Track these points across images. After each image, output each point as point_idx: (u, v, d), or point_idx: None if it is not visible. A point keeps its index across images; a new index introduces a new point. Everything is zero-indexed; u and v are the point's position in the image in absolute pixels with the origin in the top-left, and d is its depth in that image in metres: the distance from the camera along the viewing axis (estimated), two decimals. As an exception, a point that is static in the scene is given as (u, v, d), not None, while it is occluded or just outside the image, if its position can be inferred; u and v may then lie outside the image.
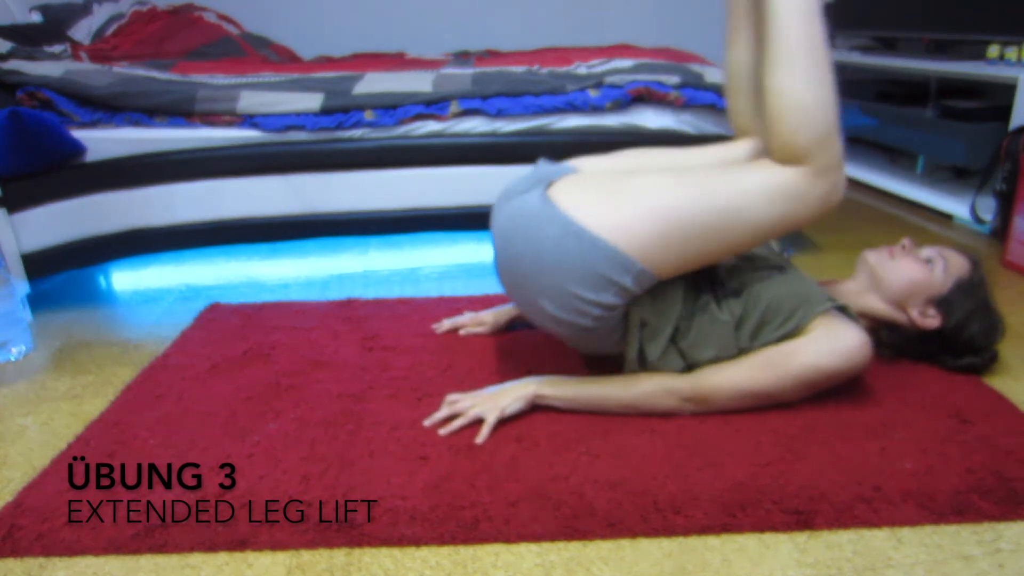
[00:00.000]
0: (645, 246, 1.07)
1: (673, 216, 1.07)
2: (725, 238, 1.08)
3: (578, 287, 1.09)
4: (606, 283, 1.08)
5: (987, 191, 2.16)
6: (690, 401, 1.16)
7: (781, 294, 1.16)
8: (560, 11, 3.49)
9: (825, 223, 2.29)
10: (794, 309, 1.15)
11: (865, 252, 1.35)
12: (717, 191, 1.07)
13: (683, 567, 0.88)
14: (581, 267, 1.07)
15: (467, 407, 1.17)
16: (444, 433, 1.14)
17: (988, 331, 1.29)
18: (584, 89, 1.78)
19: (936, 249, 1.32)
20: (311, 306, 1.71)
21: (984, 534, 0.93)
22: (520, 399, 1.17)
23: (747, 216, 1.07)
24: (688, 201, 1.07)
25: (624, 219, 1.07)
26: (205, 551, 0.92)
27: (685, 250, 1.08)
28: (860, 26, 3.06)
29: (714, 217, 1.07)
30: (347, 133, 1.78)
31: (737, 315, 1.17)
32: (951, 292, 1.27)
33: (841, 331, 1.13)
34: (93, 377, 1.41)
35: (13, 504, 1.01)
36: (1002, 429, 1.13)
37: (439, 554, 0.91)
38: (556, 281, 1.09)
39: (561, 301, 1.11)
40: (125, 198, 1.74)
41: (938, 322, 1.27)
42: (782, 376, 1.14)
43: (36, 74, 1.72)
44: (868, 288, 1.32)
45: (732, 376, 1.15)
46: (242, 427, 1.18)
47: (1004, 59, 2.31)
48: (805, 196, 1.06)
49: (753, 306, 1.17)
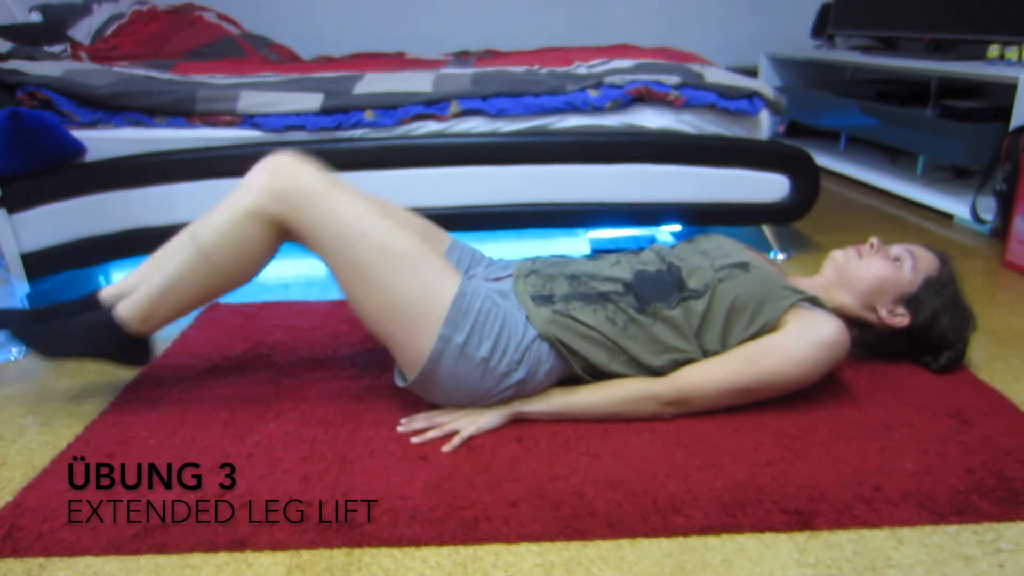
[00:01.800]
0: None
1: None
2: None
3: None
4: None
5: (987, 191, 2.16)
6: (671, 404, 1.15)
7: (745, 292, 1.16)
8: (560, 11, 3.49)
9: (825, 223, 2.29)
10: (760, 306, 1.14)
11: (834, 252, 1.34)
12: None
13: (683, 567, 0.88)
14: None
15: (443, 422, 1.15)
16: (416, 441, 1.13)
17: (958, 328, 1.28)
18: (584, 89, 1.78)
19: (905, 247, 1.31)
20: (311, 306, 1.71)
21: (984, 534, 0.93)
22: (499, 415, 1.15)
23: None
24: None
25: None
26: (205, 551, 0.92)
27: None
28: (860, 26, 3.06)
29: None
30: (347, 133, 1.78)
31: (700, 314, 1.15)
32: (920, 290, 1.26)
33: (815, 321, 1.13)
34: (93, 377, 1.41)
35: (13, 504, 1.01)
36: (1002, 429, 1.13)
37: (439, 554, 0.91)
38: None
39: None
40: (125, 198, 1.74)
41: (907, 321, 1.27)
42: (762, 372, 1.13)
43: (36, 74, 1.72)
44: (836, 284, 1.31)
45: (712, 375, 1.14)
46: (242, 427, 1.18)
47: (1004, 59, 2.32)
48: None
49: (718, 305, 1.16)
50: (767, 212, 1.89)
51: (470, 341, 1.09)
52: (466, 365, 1.09)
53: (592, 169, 1.82)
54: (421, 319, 1.08)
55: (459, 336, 1.08)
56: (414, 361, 1.10)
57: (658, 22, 3.54)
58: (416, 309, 1.08)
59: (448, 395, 1.14)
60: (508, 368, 1.12)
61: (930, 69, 2.51)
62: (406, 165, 1.80)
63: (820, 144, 3.30)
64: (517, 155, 1.80)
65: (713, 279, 1.18)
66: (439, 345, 1.08)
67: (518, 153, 1.80)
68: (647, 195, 1.83)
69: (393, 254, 1.08)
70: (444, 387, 1.12)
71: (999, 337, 1.47)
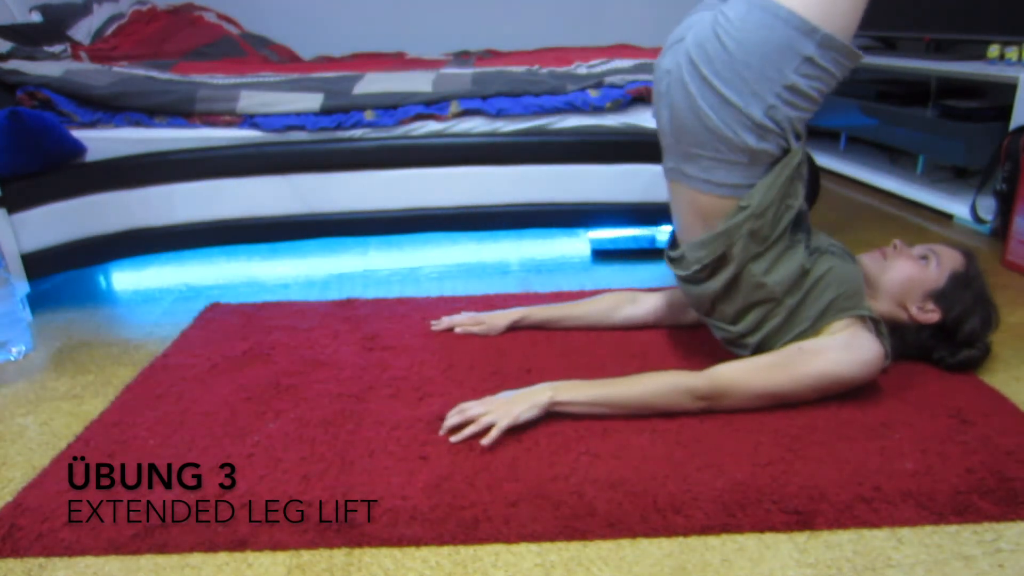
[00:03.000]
0: (821, 7, 1.07)
1: None
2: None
3: (761, 61, 1.08)
4: (790, 54, 1.07)
5: (987, 191, 2.16)
6: (705, 399, 1.16)
7: (841, 276, 1.19)
8: (560, 11, 3.49)
9: (825, 223, 2.29)
10: (843, 296, 1.17)
11: (858, 256, 1.35)
12: None
13: (683, 567, 0.88)
14: (766, 40, 1.07)
15: (479, 414, 1.13)
16: (455, 440, 1.12)
17: (986, 323, 1.30)
18: (584, 89, 1.78)
19: (927, 246, 1.33)
20: (311, 306, 1.71)
21: (984, 534, 0.93)
22: (535, 406, 1.14)
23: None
24: None
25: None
26: (205, 551, 0.92)
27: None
28: (860, 26, 3.05)
29: None
30: (347, 133, 1.78)
31: (804, 268, 1.18)
32: (947, 286, 1.27)
33: (865, 341, 1.15)
34: (93, 377, 1.41)
35: (13, 504, 1.01)
36: (1002, 429, 1.13)
37: (439, 554, 0.91)
38: (740, 56, 1.09)
39: (742, 77, 1.09)
40: (125, 198, 1.74)
41: (937, 316, 1.28)
42: (798, 377, 1.15)
43: (36, 74, 1.72)
44: (868, 294, 1.32)
45: (749, 376, 1.15)
46: (242, 427, 1.18)
47: (1004, 59, 2.31)
48: None
49: (816, 271, 1.19)
50: (767, 212, 1.88)
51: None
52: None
53: (592, 169, 1.82)
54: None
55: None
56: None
57: (658, 22, 3.53)
58: None
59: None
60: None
61: (930, 69, 2.51)
62: (406, 165, 1.80)
63: (820, 144, 3.30)
64: (517, 155, 1.80)
65: (826, 246, 1.23)
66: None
67: (518, 153, 1.80)
68: (647, 195, 1.83)
69: None
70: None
71: (999, 337, 1.47)
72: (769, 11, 1.07)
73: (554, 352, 1.42)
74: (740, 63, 1.09)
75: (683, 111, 1.16)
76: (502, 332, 1.51)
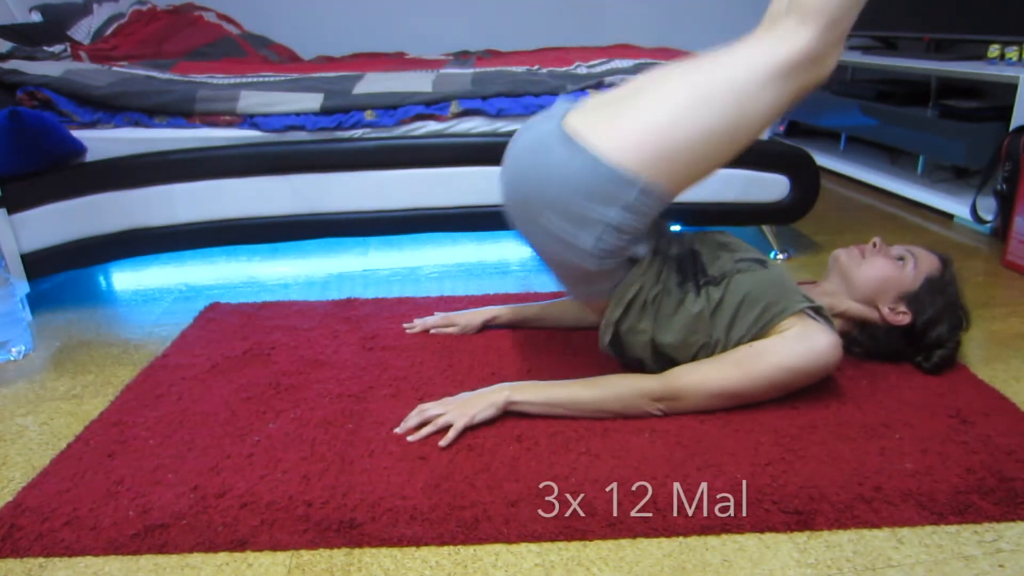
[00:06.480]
0: (647, 159, 1.04)
1: (671, 123, 1.04)
2: (729, 136, 1.05)
3: (585, 200, 1.07)
4: (612, 198, 1.06)
5: (987, 191, 2.16)
6: (661, 401, 1.16)
7: (760, 287, 1.16)
8: (560, 11, 3.49)
9: (825, 223, 2.29)
10: (771, 303, 1.15)
11: (836, 251, 1.36)
12: (715, 90, 1.04)
13: (683, 567, 0.88)
14: (587, 184, 1.06)
15: (436, 415, 1.15)
16: (412, 440, 1.13)
17: (954, 329, 1.30)
18: (584, 89, 1.78)
19: (906, 247, 1.33)
20: (311, 306, 1.71)
21: (984, 534, 0.93)
22: (491, 406, 1.15)
23: (749, 108, 1.04)
24: (687, 106, 1.04)
25: (624, 135, 1.05)
26: (205, 551, 0.92)
27: (692, 158, 1.06)
28: (860, 26, 3.05)
29: (716, 118, 1.04)
30: (347, 133, 1.78)
31: (715, 301, 1.17)
32: (921, 289, 1.28)
33: (814, 332, 1.13)
34: (93, 377, 1.41)
35: (13, 504, 1.01)
36: (1002, 429, 1.13)
37: (439, 554, 0.91)
38: (564, 194, 1.08)
39: (568, 213, 1.08)
40: (125, 198, 1.74)
41: (908, 319, 1.28)
42: (753, 375, 1.14)
43: (36, 74, 1.72)
44: (841, 290, 1.33)
45: (703, 375, 1.15)
46: (242, 427, 1.18)
47: (1005, 59, 2.31)
48: (808, 67, 1.02)
49: (732, 295, 1.16)
50: (767, 212, 1.89)
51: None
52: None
53: (592, 169, 1.81)
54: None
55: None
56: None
57: (658, 22, 3.54)
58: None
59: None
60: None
61: (930, 69, 2.51)
62: (406, 165, 1.80)
63: (820, 144, 3.30)
64: (517, 155, 1.79)
65: (732, 269, 1.19)
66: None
67: (518, 153, 1.79)
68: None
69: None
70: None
71: (999, 337, 1.47)
72: (588, 160, 1.06)
73: (555, 353, 1.42)
74: (565, 201, 1.08)
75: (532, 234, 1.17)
76: (478, 331, 1.52)
